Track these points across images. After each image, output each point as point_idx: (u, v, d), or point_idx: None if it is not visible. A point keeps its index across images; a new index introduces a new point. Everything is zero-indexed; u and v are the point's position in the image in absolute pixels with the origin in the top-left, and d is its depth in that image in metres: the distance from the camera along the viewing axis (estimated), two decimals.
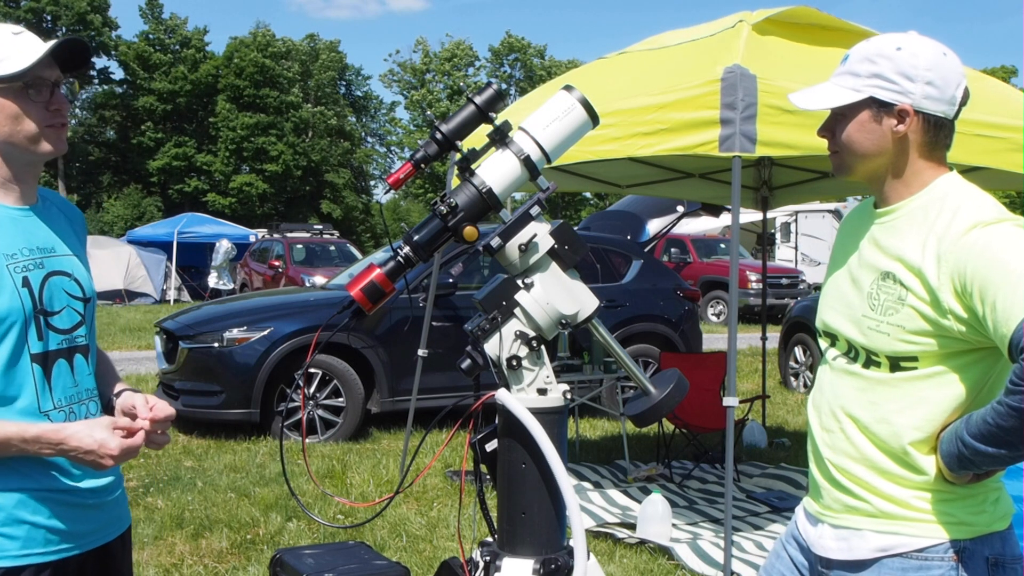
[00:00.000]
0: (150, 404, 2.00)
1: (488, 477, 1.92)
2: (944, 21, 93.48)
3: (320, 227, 25.05)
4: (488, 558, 1.90)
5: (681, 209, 10.76)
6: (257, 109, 47.93)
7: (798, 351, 11.00)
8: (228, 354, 7.55)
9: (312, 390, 7.57)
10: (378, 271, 1.85)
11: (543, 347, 1.87)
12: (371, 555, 2.94)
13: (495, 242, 1.83)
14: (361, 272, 1.88)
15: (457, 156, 1.89)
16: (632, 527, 5.40)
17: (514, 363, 1.83)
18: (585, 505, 5.86)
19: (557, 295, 1.85)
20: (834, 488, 1.97)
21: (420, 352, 6.34)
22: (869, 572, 1.90)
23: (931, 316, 1.79)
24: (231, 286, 22.61)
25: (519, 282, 1.85)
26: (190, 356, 7.69)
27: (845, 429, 1.94)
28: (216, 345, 7.59)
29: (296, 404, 7.39)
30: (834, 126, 1.95)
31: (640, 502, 5.51)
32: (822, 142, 2.00)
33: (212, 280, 22.84)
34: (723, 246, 21.75)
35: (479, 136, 1.87)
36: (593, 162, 5.93)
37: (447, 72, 53.77)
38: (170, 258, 23.78)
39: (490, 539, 1.95)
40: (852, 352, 1.95)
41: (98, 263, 19.89)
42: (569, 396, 1.90)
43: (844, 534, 1.95)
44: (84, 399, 2.02)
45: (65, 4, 44.07)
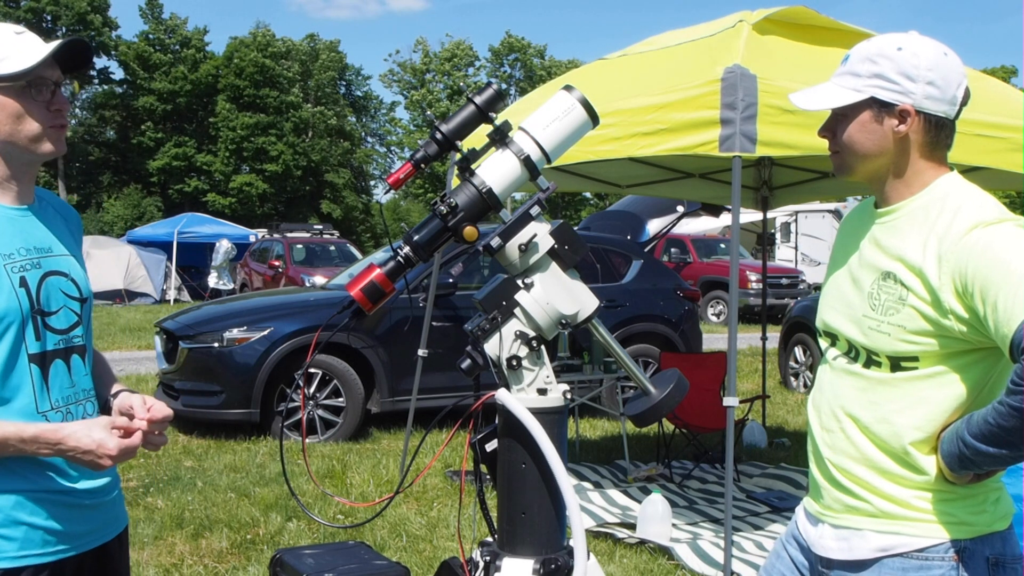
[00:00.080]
0: (148, 405, 2.00)
1: (488, 477, 1.92)
2: (944, 21, 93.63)
3: (320, 227, 25.04)
4: (488, 558, 1.89)
5: (681, 209, 10.75)
6: (257, 109, 47.93)
7: (798, 351, 10.99)
8: (228, 354, 7.54)
9: (312, 390, 7.56)
10: (378, 271, 1.85)
11: (543, 347, 1.87)
12: (371, 555, 2.94)
13: (495, 242, 1.83)
14: (361, 272, 1.88)
15: (457, 156, 1.89)
16: (632, 527, 5.40)
17: (514, 363, 1.83)
18: (585, 505, 5.86)
19: (557, 295, 1.85)
20: (834, 488, 1.97)
21: (420, 352, 6.33)
22: (869, 572, 1.90)
23: (932, 316, 1.79)
24: (231, 286, 22.61)
25: (519, 282, 1.85)
26: (190, 356, 7.69)
27: (845, 429, 1.94)
28: (216, 345, 7.59)
29: (296, 404, 7.38)
30: (835, 126, 1.95)
31: (640, 502, 5.50)
32: (822, 142, 1.99)
33: (212, 280, 22.85)
34: (723, 246, 21.74)
35: (479, 136, 1.87)
36: (593, 162, 5.92)
37: (447, 72, 53.78)
38: (170, 258, 23.79)
39: (490, 539, 1.95)
40: (852, 352, 1.94)
41: (98, 263, 19.93)
42: (569, 396, 1.90)
43: (844, 534, 1.95)
44: (81, 399, 2.02)
45: (65, 4, 44.06)
